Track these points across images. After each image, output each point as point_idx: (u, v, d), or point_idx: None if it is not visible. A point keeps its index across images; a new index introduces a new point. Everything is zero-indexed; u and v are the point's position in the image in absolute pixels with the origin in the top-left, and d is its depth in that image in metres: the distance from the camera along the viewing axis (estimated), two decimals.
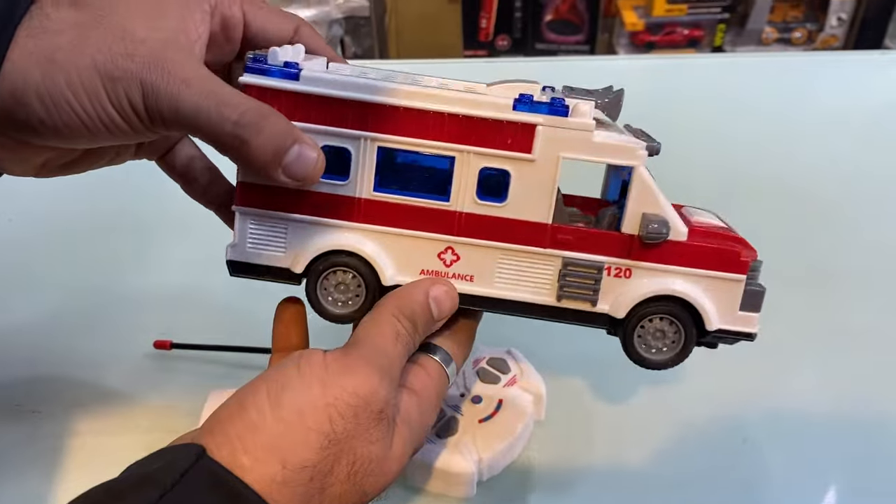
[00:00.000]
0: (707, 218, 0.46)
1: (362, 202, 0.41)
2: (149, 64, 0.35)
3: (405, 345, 0.40)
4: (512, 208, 0.41)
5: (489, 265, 0.42)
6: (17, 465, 0.57)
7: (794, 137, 0.93)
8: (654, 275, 0.42)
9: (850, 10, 1.92)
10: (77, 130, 0.36)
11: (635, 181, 0.41)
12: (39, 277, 0.73)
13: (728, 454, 0.57)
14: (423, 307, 0.41)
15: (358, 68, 0.46)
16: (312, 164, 0.38)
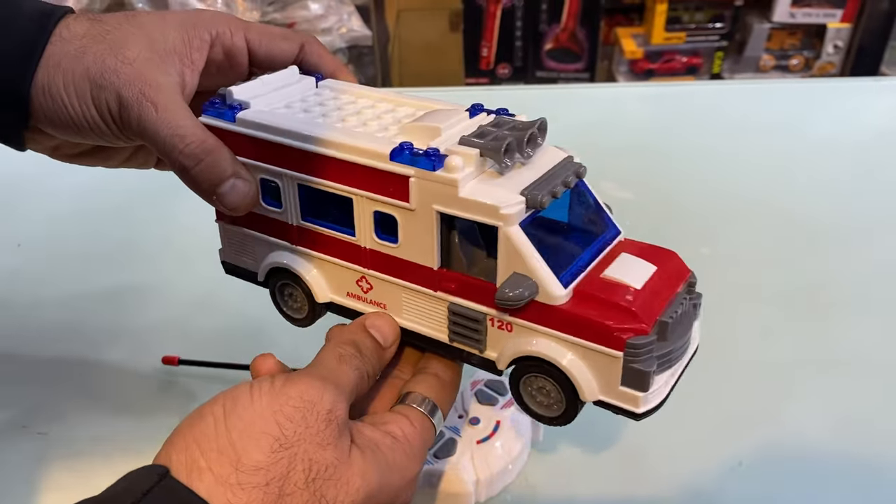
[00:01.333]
0: (634, 272, 0.39)
1: (294, 228, 0.45)
2: (129, 82, 0.41)
3: (350, 365, 0.40)
4: (404, 250, 0.41)
5: (396, 297, 0.43)
6: (23, 486, 0.57)
7: (791, 163, 0.94)
8: (530, 334, 0.39)
9: (846, 38, 1.94)
10: (67, 124, 0.42)
11: (500, 241, 0.38)
12: (47, 300, 0.74)
13: (723, 476, 0.57)
14: (362, 334, 0.43)
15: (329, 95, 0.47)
16: (242, 197, 0.43)
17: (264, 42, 0.47)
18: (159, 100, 0.41)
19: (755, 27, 1.97)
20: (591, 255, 0.40)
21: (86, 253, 0.80)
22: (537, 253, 0.37)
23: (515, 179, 0.39)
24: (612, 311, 0.37)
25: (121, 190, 0.91)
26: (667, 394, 0.39)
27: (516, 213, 0.37)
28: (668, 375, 0.39)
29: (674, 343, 0.38)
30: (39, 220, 0.86)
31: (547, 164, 0.40)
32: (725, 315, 0.71)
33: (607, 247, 0.41)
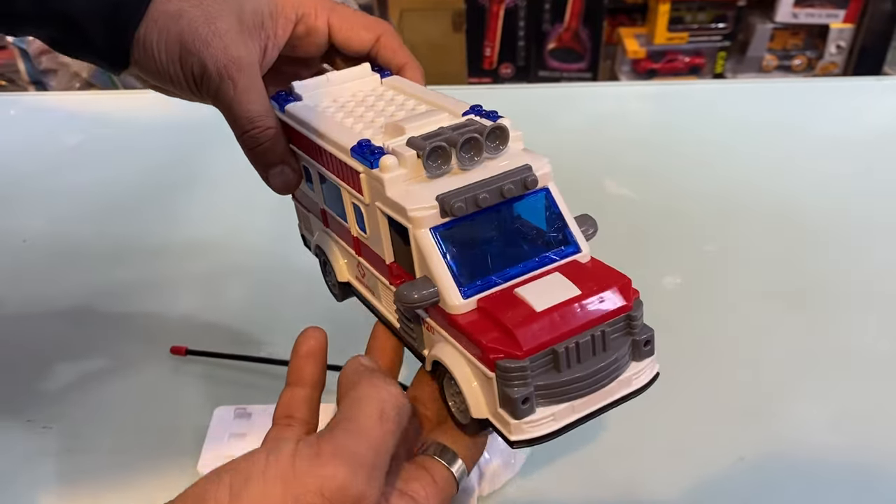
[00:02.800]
0: (547, 293, 0.37)
1: (322, 212, 0.48)
2: (215, 55, 0.43)
3: (393, 420, 0.36)
4: (371, 241, 0.42)
5: (376, 286, 0.45)
6: (27, 480, 0.58)
7: (793, 162, 0.94)
8: (440, 339, 0.39)
9: (848, 38, 1.94)
10: (155, 75, 0.45)
11: (411, 243, 0.37)
12: (53, 295, 0.75)
13: (724, 472, 0.58)
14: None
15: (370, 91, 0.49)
16: (285, 183, 0.47)
17: (344, 28, 0.49)
18: (239, 78, 0.44)
19: (758, 27, 1.97)
20: (525, 270, 0.38)
21: (91, 248, 0.81)
22: (443, 259, 0.37)
23: (443, 183, 0.38)
24: (494, 331, 0.35)
25: (125, 187, 0.91)
26: (559, 428, 0.36)
27: (424, 216, 0.37)
28: (566, 409, 0.36)
29: (572, 375, 0.35)
30: (45, 217, 0.87)
31: (495, 170, 0.38)
32: (726, 312, 0.72)
33: (552, 263, 0.39)
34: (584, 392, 0.36)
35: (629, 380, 0.38)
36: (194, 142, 0.99)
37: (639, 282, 0.78)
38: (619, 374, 0.37)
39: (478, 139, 0.38)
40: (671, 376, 0.65)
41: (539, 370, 0.35)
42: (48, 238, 0.83)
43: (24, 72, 1.78)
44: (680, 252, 0.79)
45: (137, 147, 1.01)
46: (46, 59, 1.79)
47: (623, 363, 0.37)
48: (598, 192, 0.88)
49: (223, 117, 0.46)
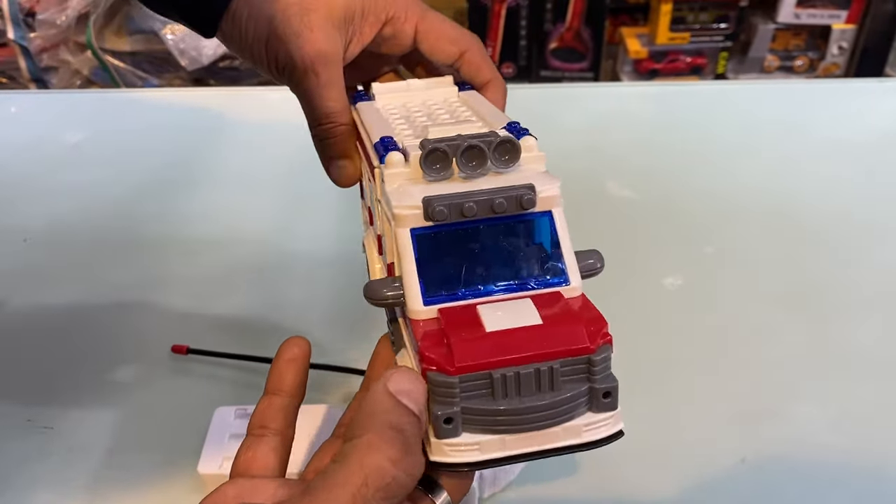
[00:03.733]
0: (506, 317, 0.35)
1: (368, 209, 0.48)
2: (302, 48, 0.44)
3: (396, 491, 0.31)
4: (385, 240, 0.41)
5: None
6: (27, 481, 0.58)
7: (794, 163, 0.94)
8: (404, 344, 0.38)
9: (850, 39, 1.94)
10: (239, 49, 0.47)
11: (392, 239, 0.37)
12: (53, 294, 0.74)
13: (726, 473, 0.57)
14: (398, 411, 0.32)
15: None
16: (344, 177, 0.48)
17: (431, 37, 0.49)
18: (323, 73, 0.45)
19: (760, 28, 1.97)
20: (499, 291, 0.37)
21: (91, 248, 0.81)
22: (414, 262, 0.36)
23: (439, 188, 0.37)
24: (436, 342, 0.34)
25: (126, 186, 0.91)
26: (483, 460, 0.33)
27: (407, 216, 0.36)
28: (495, 441, 0.33)
29: (507, 405, 0.33)
30: (46, 216, 0.86)
31: (496, 184, 0.37)
32: (727, 313, 0.72)
33: (535, 290, 0.37)
34: (519, 428, 0.33)
35: (578, 429, 0.34)
36: (196, 141, 0.99)
37: (639, 282, 0.78)
38: (567, 420, 0.34)
39: (481, 149, 0.37)
40: (672, 378, 0.65)
41: (471, 392, 0.33)
42: (49, 237, 0.83)
43: (25, 69, 1.78)
44: (681, 253, 0.79)
45: (139, 146, 1.00)
46: (47, 56, 1.79)
47: (575, 409, 0.34)
48: (600, 193, 0.88)
49: (227, 116, 0.46)
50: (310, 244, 0.80)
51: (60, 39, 1.77)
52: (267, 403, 0.39)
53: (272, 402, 0.39)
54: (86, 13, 1.75)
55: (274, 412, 0.39)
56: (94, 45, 1.77)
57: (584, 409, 0.34)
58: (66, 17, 1.73)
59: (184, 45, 1.73)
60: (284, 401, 0.39)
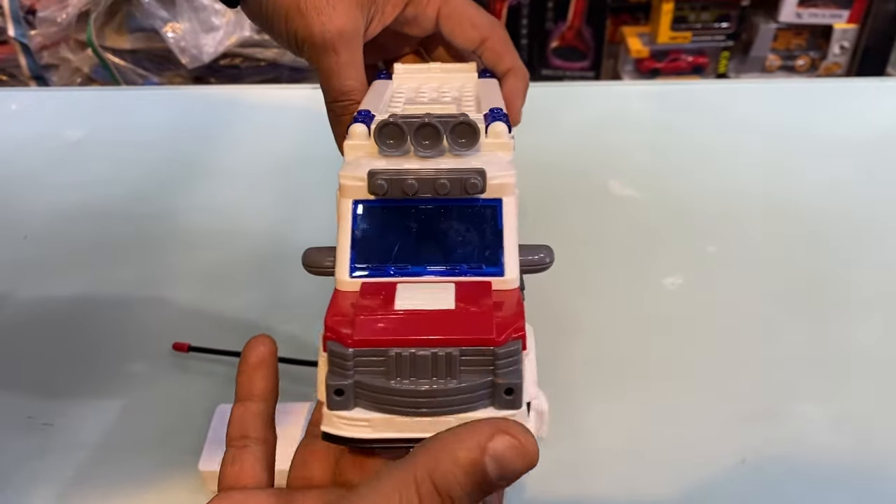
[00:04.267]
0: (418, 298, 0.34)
1: None
2: (324, 24, 0.44)
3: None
4: None
5: None
6: (27, 478, 0.58)
7: (796, 162, 0.94)
8: None
9: (852, 39, 1.94)
10: (260, 21, 0.47)
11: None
12: (53, 291, 0.74)
13: (726, 473, 0.57)
14: (471, 473, 0.27)
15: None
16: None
17: (452, 20, 0.49)
18: (342, 51, 0.45)
19: (761, 27, 1.97)
20: (428, 273, 0.36)
21: (91, 245, 0.81)
22: (350, 233, 0.36)
23: (391, 163, 0.37)
24: (342, 312, 0.34)
25: (126, 183, 0.91)
26: (373, 438, 0.33)
27: (351, 186, 0.36)
28: (385, 421, 0.33)
29: (400, 386, 0.32)
30: (46, 213, 0.86)
31: (452, 166, 0.36)
32: (728, 313, 0.72)
33: (464, 277, 0.36)
34: (411, 411, 0.33)
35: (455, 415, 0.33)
36: (196, 138, 0.99)
37: (641, 282, 0.78)
38: (464, 411, 0.33)
39: (436, 128, 0.36)
40: (673, 377, 0.65)
41: (367, 368, 0.32)
42: (49, 233, 0.82)
43: (26, 67, 1.78)
44: (682, 252, 0.79)
45: (139, 143, 1.00)
46: (48, 54, 1.79)
47: (473, 402, 0.33)
48: (602, 193, 0.87)
49: (228, 114, 0.46)
50: (311, 240, 0.80)
51: (61, 37, 1.77)
52: (242, 411, 0.38)
53: (248, 409, 0.37)
54: (86, 11, 1.74)
55: (252, 419, 0.37)
56: (94, 42, 1.76)
57: (485, 404, 0.33)
58: (66, 14, 1.72)
59: (184, 44, 1.73)
60: (259, 406, 0.37)
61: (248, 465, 0.37)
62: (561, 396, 0.60)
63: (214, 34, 1.73)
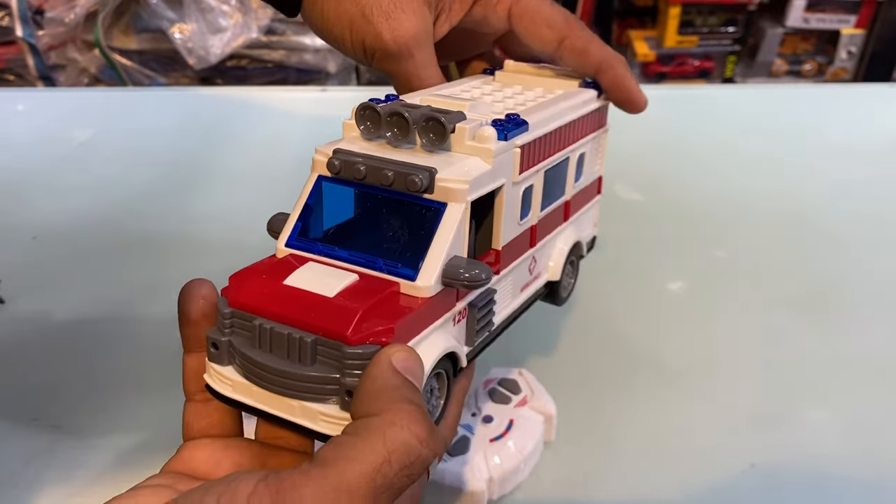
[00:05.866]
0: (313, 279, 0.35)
1: None
2: (395, 29, 0.43)
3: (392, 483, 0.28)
4: None
5: None
6: (33, 479, 0.57)
7: (803, 167, 0.94)
8: None
9: (859, 44, 1.94)
10: (319, 32, 0.46)
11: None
12: (61, 292, 0.74)
13: (735, 478, 0.57)
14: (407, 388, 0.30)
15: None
16: None
17: (525, 21, 0.46)
18: (417, 53, 0.43)
19: (768, 32, 1.97)
20: (351, 259, 0.36)
21: (100, 245, 0.81)
22: (302, 205, 0.37)
23: (364, 147, 0.37)
24: (245, 275, 0.35)
25: (134, 183, 0.91)
26: (232, 398, 0.34)
27: (318, 161, 0.37)
28: (245, 386, 0.34)
29: (258, 356, 0.33)
30: (54, 214, 0.87)
31: (408, 159, 0.36)
32: (737, 317, 0.72)
33: (378, 272, 0.35)
34: (261, 383, 0.33)
35: (316, 414, 0.33)
36: (204, 139, 0.99)
37: (649, 286, 0.78)
38: (309, 399, 0.33)
39: (405, 119, 0.36)
40: (681, 381, 0.65)
41: (239, 330, 0.34)
42: (58, 234, 0.83)
43: (33, 67, 1.78)
44: (690, 256, 0.79)
45: (147, 143, 1.01)
46: (55, 54, 1.79)
47: (320, 394, 0.33)
48: (608, 196, 0.87)
49: (235, 115, 0.46)
50: None
51: (68, 37, 1.78)
52: (198, 362, 0.36)
53: (201, 361, 0.36)
54: (94, 11, 1.75)
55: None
56: (101, 43, 1.77)
57: (333, 399, 0.33)
58: (74, 15, 1.73)
59: (191, 44, 1.74)
60: None
61: (217, 418, 0.36)
62: (569, 400, 0.60)
63: (221, 35, 1.74)
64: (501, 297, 0.42)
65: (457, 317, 0.37)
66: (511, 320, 0.45)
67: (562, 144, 0.45)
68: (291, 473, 0.27)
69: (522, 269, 0.45)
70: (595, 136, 0.51)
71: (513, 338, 0.45)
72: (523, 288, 0.46)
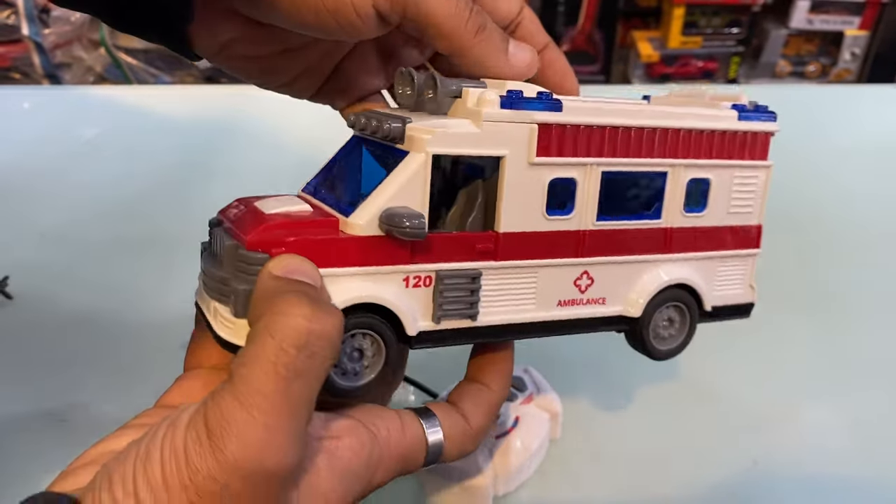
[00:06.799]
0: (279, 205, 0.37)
1: None
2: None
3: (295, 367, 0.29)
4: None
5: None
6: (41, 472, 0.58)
7: (807, 168, 0.94)
8: None
9: (863, 45, 1.94)
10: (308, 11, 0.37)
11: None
12: (69, 289, 0.75)
13: (738, 476, 0.57)
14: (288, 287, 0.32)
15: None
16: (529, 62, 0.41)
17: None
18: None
19: (772, 33, 1.96)
20: (325, 200, 0.38)
21: (108, 242, 0.81)
22: (332, 158, 0.41)
23: (389, 109, 0.41)
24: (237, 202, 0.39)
25: (141, 181, 0.92)
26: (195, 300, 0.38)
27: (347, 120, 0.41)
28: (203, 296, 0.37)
29: (204, 263, 0.38)
30: (61, 211, 0.87)
31: (407, 116, 0.38)
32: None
33: (332, 208, 0.37)
34: (204, 288, 0.37)
35: (219, 316, 0.35)
36: (209, 137, 0.99)
37: None
38: (218, 300, 0.35)
39: (412, 76, 0.39)
40: (684, 378, 0.65)
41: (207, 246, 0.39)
42: (65, 231, 0.83)
43: (39, 65, 1.79)
44: None
45: (153, 141, 1.01)
46: (61, 53, 1.80)
47: (225, 294, 0.35)
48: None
49: (239, 113, 0.44)
50: None
51: (74, 36, 1.78)
52: (199, 336, 0.39)
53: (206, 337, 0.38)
54: None
55: (209, 347, 0.38)
56: (107, 42, 1.77)
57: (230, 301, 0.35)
58: (80, 14, 1.73)
59: None
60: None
61: (217, 349, 0.36)
62: (574, 398, 0.61)
63: None
64: (502, 293, 0.39)
65: (412, 279, 0.37)
66: (541, 332, 0.40)
67: (645, 151, 0.41)
68: (213, 395, 0.29)
69: (559, 278, 0.40)
70: (732, 166, 0.44)
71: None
72: (564, 303, 0.41)
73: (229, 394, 0.28)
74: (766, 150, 0.45)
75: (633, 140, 0.40)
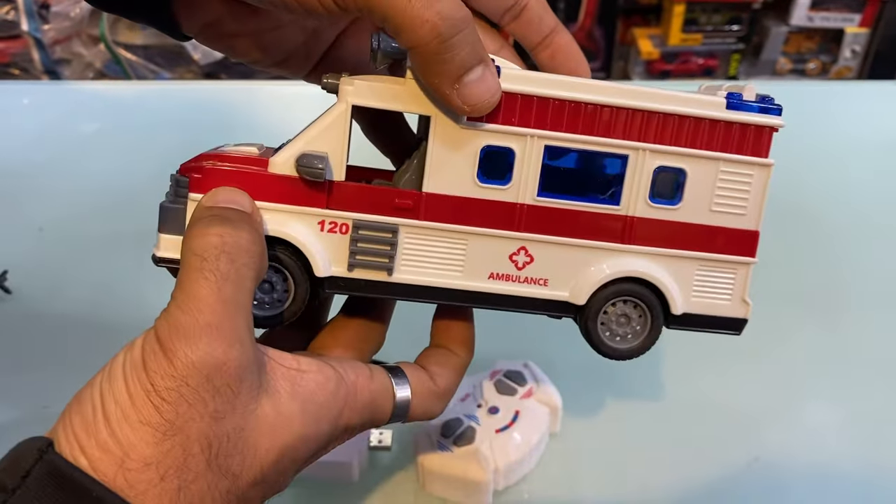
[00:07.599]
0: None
1: None
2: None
3: (217, 267, 0.33)
4: None
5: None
6: None
7: (807, 165, 0.94)
8: None
9: (863, 43, 1.94)
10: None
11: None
12: (68, 284, 0.75)
13: (739, 472, 0.57)
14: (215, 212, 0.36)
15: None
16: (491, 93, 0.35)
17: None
18: None
19: (773, 30, 1.96)
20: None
21: (107, 237, 0.81)
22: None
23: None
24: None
25: (141, 176, 0.92)
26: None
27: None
28: None
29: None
30: (60, 206, 0.87)
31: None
32: None
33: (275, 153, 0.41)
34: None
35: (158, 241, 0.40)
36: (209, 133, 0.99)
37: None
38: (161, 230, 0.40)
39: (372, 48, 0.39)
40: (684, 375, 0.65)
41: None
42: (64, 226, 0.83)
43: (38, 61, 1.79)
44: None
45: (153, 136, 1.01)
46: (61, 49, 1.79)
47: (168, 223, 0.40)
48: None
49: (239, 110, 0.45)
50: None
51: (74, 32, 1.78)
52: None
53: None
54: None
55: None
56: (107, 38, 1.77)
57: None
58: (79, 9, 1.73)
59: None
60: None
61: None
62: (574, 392, 0.61)
63: None
64: (425, 254, 0.38)
65: (328, 223, 0.38)
66: (468, 301, 0.39)
67: (600, 129, 0.38)
68: (161, 313, 0.34)
69: (491, 249, 0.39)
70: (716, 159, 0.40)
71: (518, 329, 0.45)
72: (497, 276, 0.39)
73: (172, 306, 0.33)
74: (765, 147, 0.41)
75: (584, 116, 0.38)
